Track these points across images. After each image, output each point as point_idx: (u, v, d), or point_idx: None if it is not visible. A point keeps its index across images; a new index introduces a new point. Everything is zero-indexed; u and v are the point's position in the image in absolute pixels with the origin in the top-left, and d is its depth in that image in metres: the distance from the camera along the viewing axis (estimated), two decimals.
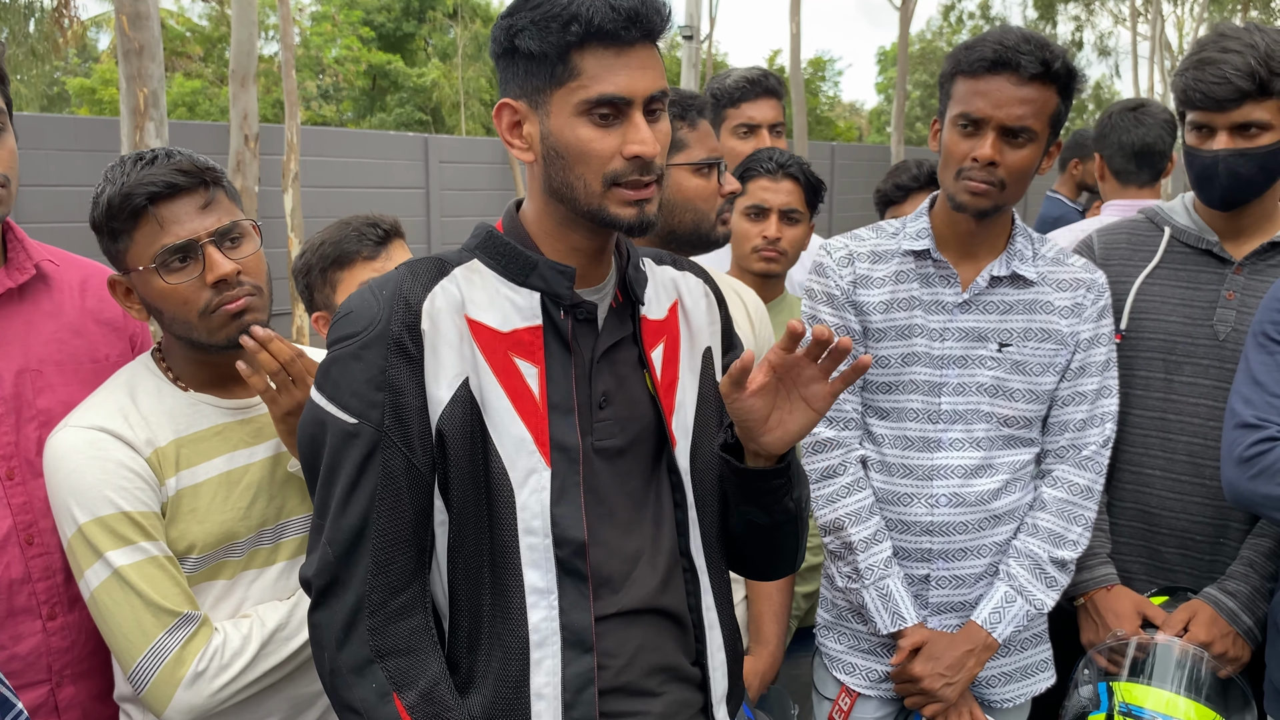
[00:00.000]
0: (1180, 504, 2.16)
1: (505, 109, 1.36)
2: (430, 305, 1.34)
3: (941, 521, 1.96)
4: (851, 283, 1.98)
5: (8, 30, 19.09)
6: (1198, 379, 2.13)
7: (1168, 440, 2.16)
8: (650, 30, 1.30)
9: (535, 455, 1.35)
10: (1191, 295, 2.15)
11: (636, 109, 1.30)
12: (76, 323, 1.79)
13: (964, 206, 1.88)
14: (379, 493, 1.32)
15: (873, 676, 2.05)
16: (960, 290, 1.95)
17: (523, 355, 1.37)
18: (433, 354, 1.33)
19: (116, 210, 1.59)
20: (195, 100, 24.06)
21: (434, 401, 1.33)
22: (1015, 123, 1.80)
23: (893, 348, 1.96)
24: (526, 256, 1.38)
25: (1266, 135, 1.98)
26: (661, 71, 1.34)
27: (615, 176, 1.31)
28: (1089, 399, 1.97)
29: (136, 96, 7.22)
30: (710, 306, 1.59)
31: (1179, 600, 2.11)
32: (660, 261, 1.57)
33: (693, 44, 13.27)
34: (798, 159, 2.49)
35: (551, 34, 1.27)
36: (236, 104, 9.48)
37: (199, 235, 1.60)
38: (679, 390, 1.49)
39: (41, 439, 1.68)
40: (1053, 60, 1.79)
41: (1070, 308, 1.96)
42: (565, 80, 1.28)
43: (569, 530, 1.35)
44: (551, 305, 1.38)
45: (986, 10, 31.91)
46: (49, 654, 1.66)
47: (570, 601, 1.36)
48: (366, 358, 1.31)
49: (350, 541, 1.33)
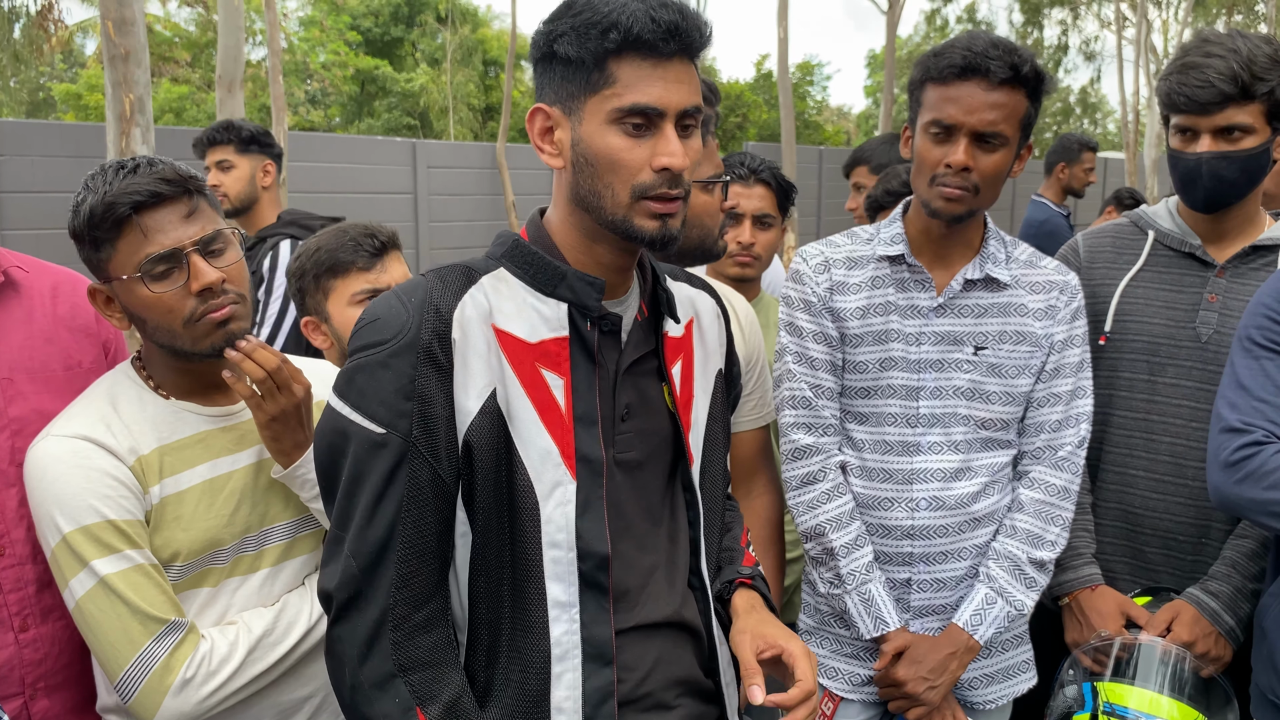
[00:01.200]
0: (1163, 504, 2.17)
1: (538, 114, 1.35)
2: (461, 314, 1.33)
3: (922, 525, 1.97)
4: (828, 289, 1.99)
5: None
6: (1180, 380, 2.15)
7: (1151, 441, 2.17)
8: (689, 45, 1.30)
9: (561, 468, 1.35)
10: (1175, 298, 2.17)
11: (669, 121, 1.30)
12: (48, 330, 1.78)
13: (939, 212, 1.89)
14: (405, 504, 1.30)
15: (855, 680, 2.05)
16: (935, 294, 1.96)
17: (549, 366, 1.36)
18: (462, 364, 1.32)
19: (99, 219, 1.57)
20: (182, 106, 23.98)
21: (462, 412, 1.31)
22: (987, 128, 1.81)
23: (870, 353, 1.97)
24: (555, 267, 1.37)
25: (1249, 138, 2.00)
26: (697, 88, 1.33)
27: (644, 189, 1.30)
28: (1064, 400, 1.98)
29: (122, 102, 7.20)
30: (721, 328, 1.61)
31: (1162, 600, 2.12)
32: (676, 278, 1.58)
33: None
34: (769, 164, 2.52)
35: (590, 40, 1.27)
36: (224, 109, 9.46)
37: (183, 244, 1.59)
38: (694, 408, 1.51)
39: (14, 448, 1.67)
40: (1021, 65, 1.80)
41: (1044, 309, 1.97)
42: (600, 87, 1.29)
43: (593, 544, 1.35)
44: (579, 317, 1.38)
45: (973, 14, 32.05)
46: (22, 666, 1.65)
47: (591, 615, 1.35)
48: (396, 366, 1.29)
49: (375, 554, 1.30)
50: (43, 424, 1.69)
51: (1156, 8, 28.61)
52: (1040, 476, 1.99)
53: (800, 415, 1.99)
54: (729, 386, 1.64)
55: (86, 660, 1.74)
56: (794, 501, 2.00)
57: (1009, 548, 1.97)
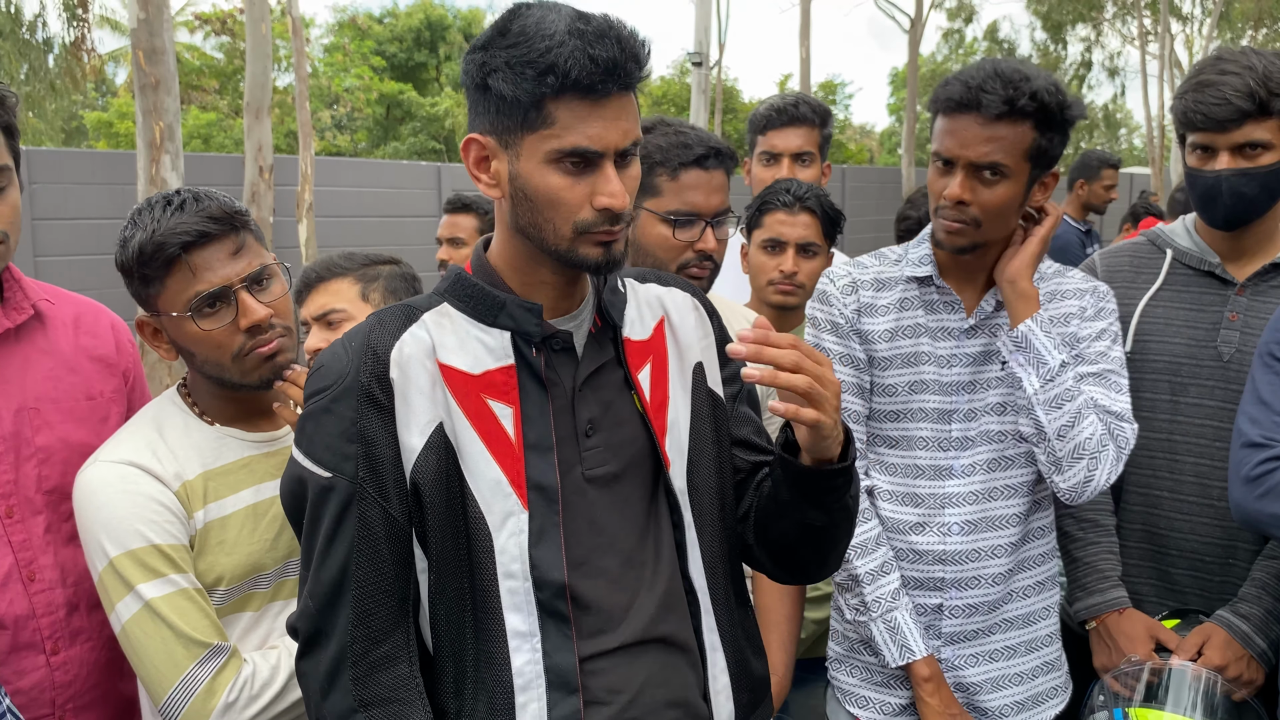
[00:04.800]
0: (1189, 525, 2.15)
1: (473, 144, 1.34)
2: (399, 353, 1.34)
3: (954, 550, 1.94)
4: (856, 311, 1.97)
5: (28, 65, 19.37)
6: (1203, 400, 2.13)
7: (1174, 461, 2.16)
8: (628, 81, 1.28)
9: (512, 498, 1.34)
10: (1195, 317, 2.16)
11: (609, 160, 1.30)
12: (71, 360, 1.81)
13: (942, 244, 1.88)
14: (356, 545, 1.32)
15: (887, 710, 2.03)
16: (965, 316, 1.95)
17: (496, 396, 1.36)
18: (404, 402, 1.32)
19: (149, 258, 1.60)
20: (210, 132, 24.31)
21: (407, 450, 1.32)
22: (982, 159, 1.78)
23: (899, 375, 1.95)
24: (494, 296, 1.37)
25: (1268, 155, 2.00)
26: (636, 119, 1.33)
27: (585, 226, 1.30)
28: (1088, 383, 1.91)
29: (153, 130, 7.32)
30: (700, 320, 1.56)
31: (1190, 623, 2.10)
32: (644, 279, 1.56)
33: (702, 70, 13.35)
34: (816, 190, 2.46)
35: (526, 81, 1.25)
36: (251, 136, 9.59)
37: (231, 281, 1.62)
38: (670, 409, 1.47)
39: (40, 476, 1.70)
40: (1018, 97, 1.75)
41: (1074, 313, 1.96)
42: (538, 127, 1.27)
43: (549, 572, 1.34)
44: (523, 343, 1.37)
45: (994, 34, 32.00)
46: (53, 688, 1.68)
47: (554, 644, 1.35)
48: (338, 410, 1.32)
49: (329, 594, 1.33)
50: (68, 453, 1.72)
51: (1179, 22, 28.48)
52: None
53: None
54: (734, 376, 1.58)
55: (112, 681, 1.77)
56: None
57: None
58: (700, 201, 1.98)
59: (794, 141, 2.82)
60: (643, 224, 2.00)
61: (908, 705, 2.01)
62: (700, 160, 1.97)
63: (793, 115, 2.84)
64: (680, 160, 1.96)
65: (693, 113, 13.31)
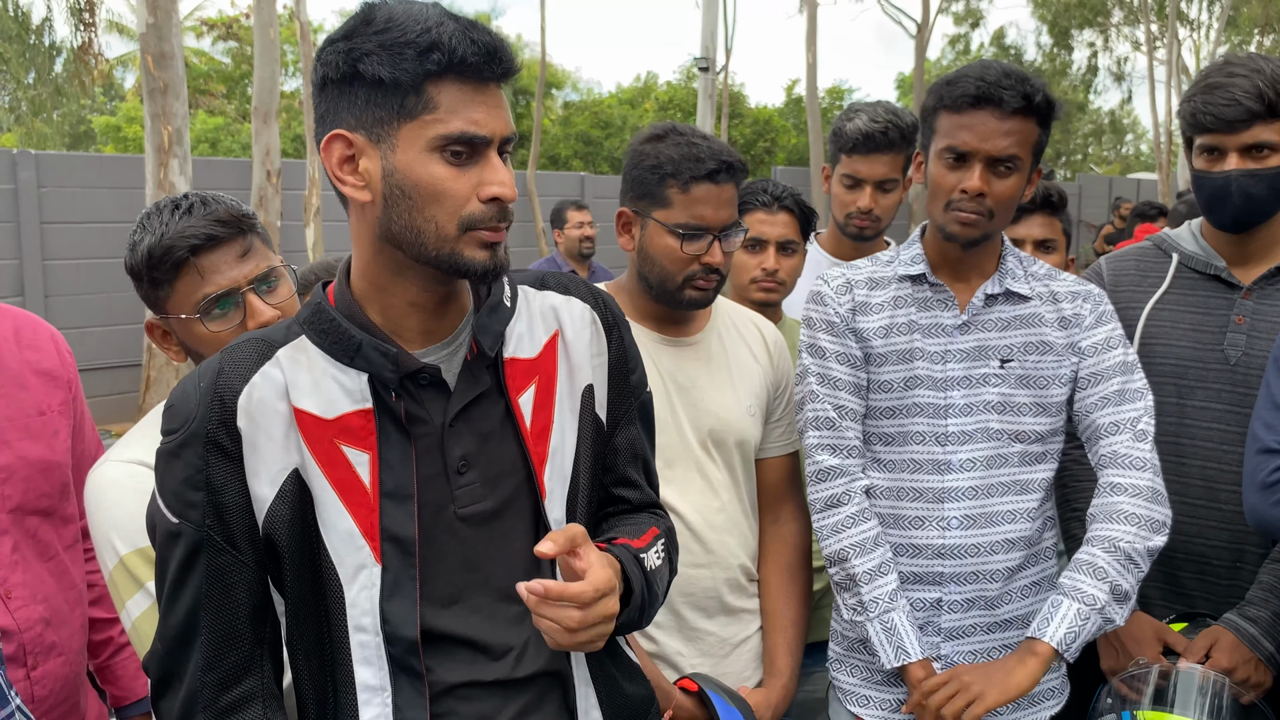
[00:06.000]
0: (1196, 529, 2.15)
1: (337, 141, 1.23)
2: (247, 400, 1.26)
3: (954, 544, 1.96)
4: (850, 310, 2.00)
5: (35, 71, 19.45)
6: (1210, 404, 2.13)
7: (1182, 465, 2.15)
8: (506, 71, 1.23)
9: (364, 550, 1.28)
10: (1201, 320, 2.16)
11: (494, 149, 1.23)
12: (18, 375, 1.80)
13: (954, 236, 1.92)
14: (206, 592, 1.27)
15: (887, 707, 2.03)
16: (959, 312, 1.98)
17: (351, 442, 1.28)
18: (252, 450, 1.26)
19: (157, 261, 1.62)
20: (218, 137, 24.37)
21: (258, 499, 1.26)
22: (1001, 153, 1.86)
23: (894, 372, 1.98)
24: (350, 336, 1.27)
25: (1275, 157, 2.02)
26: (509, 116, 1.27)
27: (472, 221, 1.22)
28: (1112, 402, 1.95)
29: (161, 134, 7.35)
30: (595, 336, 1.46)
31: (1198, 627, 2.10)
32: (543, 286, 1.47)
33: (709, 75, 13.36)
34: (791, 191, 2.53)
35: (406, 60, 1.17)
36: (259, 140, 9.62)
37: (239, 284, 1.64)
38: (555, 434, 1.39)
39: (2, 496, 1.71)
40: (1034, 94, 1.85)
41: (1064, 319, 1.98)
42: (418, 113, 1.19)
43: (400, 627, 1.28)
44: (381, 387, 1.28)
45: (1001, 39, 31.99)
46: (33, 702, 1.68)
47: (405, 698, 1.29)
48: (185, 456, 1.26)
49: (177, 639, 1.29)
50: (28, 470, 1.72)
51: (1186, 27, 28.46)
52: (1119, 480, 1.90)
53: (824, 436, 1.99)
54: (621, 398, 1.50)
55: (77, 696, 1.79)
56: (819, 525, 1.99)
57: (1114, 534, 1.85)
58: (709, 215, 1.98)
59: (879, 170, 2.70)
60: (651, 234, 2.01)
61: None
62: (712, 175, 1.97)
63: (880, 143, 2.68)
64: (692, 174, 1.96)
65: (699, 118, 13.33)
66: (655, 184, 1.99)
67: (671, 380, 2.05)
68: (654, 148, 2.00)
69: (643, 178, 2.01)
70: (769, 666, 2.15)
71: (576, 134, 22.04)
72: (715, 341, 2.13)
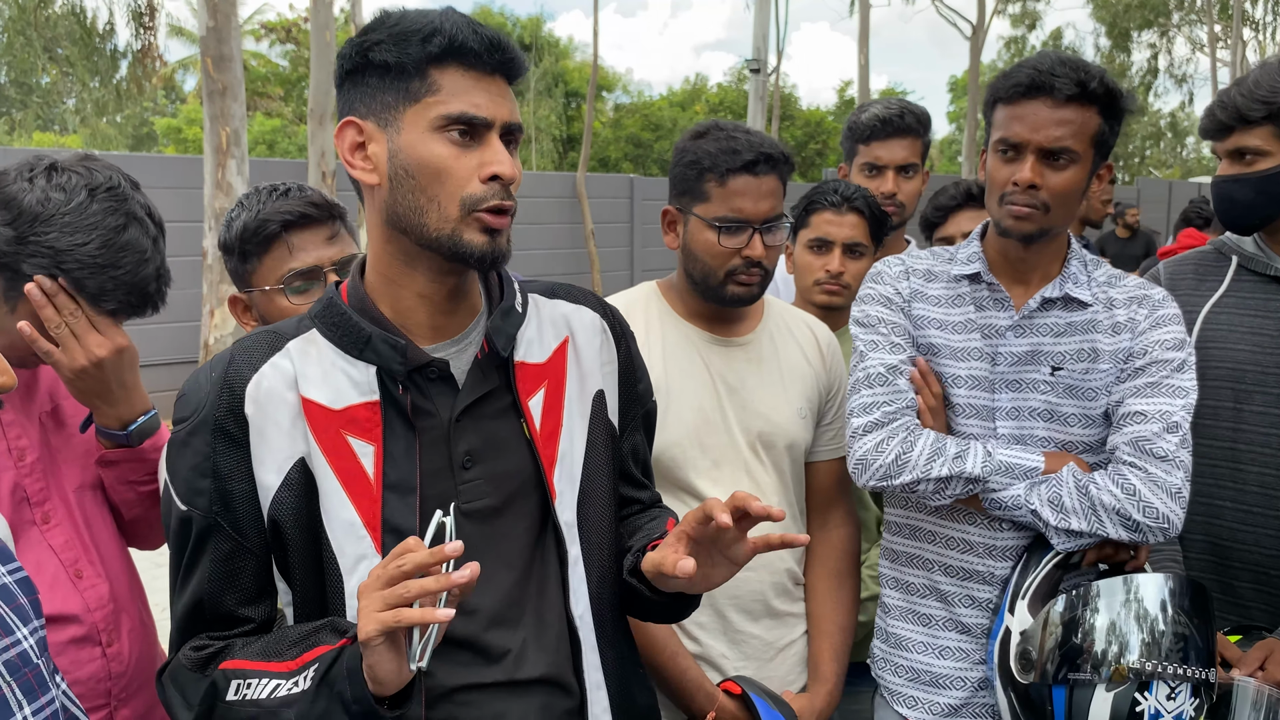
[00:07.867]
0: (1253, 536, 2.11)
1: (349, 128, 1.29)
2: (256, 388, 1.30)
3: (1004, 546, 1.92)
4: (910, 293, 1.98)
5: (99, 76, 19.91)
6: (1269, 409, 2.09)
7: (1238, 471, 2.11)
8: (508, 64, 1.28)
9: (365, 540, 1.29)
10: (1261, 324, 2.12)
11: (495, 132, 1.26)
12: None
13: (1009, 231, 1.88)
14: (212, 575, 1.32)
15: (935, 710, 2.01)
16: (1013, 313, 1.93)
17: (357, 434, 1.30)
18: (259, 438, 1.29)
19: (251, 234, 1.76)
20: (274, 138, 24.79)
21: (263, 487, 1.29)
22: (1053, 144, 1.80)
23: (943, 367, 1.95)
24: (360, 329, 1.30)
25: (1264, 161, 2.06)
26: (517, 109, 1.31)
27: (474, 201, 1.25)
28: (1141, 393, 1.84)
29: (219, 135, 7.49)
30: (605, 344, 1.50)
31: (1254, 639, 2.06)
32: (554, 294, 1.50)
33: (760, 77, 13.32)
34: (863, 191, 2.46)
35: (411, 46, 1.23)
36: (314, 141, 9.76)
37: (323, 262, 1.77)
38: (563, 438, 1.41)
39: (66, 476, 1.74)
40: (1089, 80, 1.79)
41: (1122, 323, 1.92)
42: (422, 95, 1.24)
43: None
44: (388, 379, 1.31)
45: (1058, 40, 31.51)
46: (108, 679, 1.72)
47: None
48: (194, 444, 1.30)
49: (185, 621, 1.35)
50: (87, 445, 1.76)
51: (1250, 28, 27.84)
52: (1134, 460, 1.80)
53: (877, 394, 1.89)
54: (629, 406, 1.53)
55: (152, 668, 1.82)
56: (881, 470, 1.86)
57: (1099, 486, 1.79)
58: (748, 207, 1.96)
59: (899, 154, 2.72)
60: (692, 230, 2.00)
61: (959, 707, 1.99)
62: (749, 166, 1.94)
63: (898, 126, 2.72)
64: (728, 166, 1.94)
65: (750, 120, 13.29)
66: (694, 179, 1.98)
67: (721, 380, 2.04)
68: (695, 144, 2.00)
69: (683, 174, 2.01)
70: (814, 672, 2.14)
71: (627, 136, 22.09)
72: (766, 342, 2.11)
